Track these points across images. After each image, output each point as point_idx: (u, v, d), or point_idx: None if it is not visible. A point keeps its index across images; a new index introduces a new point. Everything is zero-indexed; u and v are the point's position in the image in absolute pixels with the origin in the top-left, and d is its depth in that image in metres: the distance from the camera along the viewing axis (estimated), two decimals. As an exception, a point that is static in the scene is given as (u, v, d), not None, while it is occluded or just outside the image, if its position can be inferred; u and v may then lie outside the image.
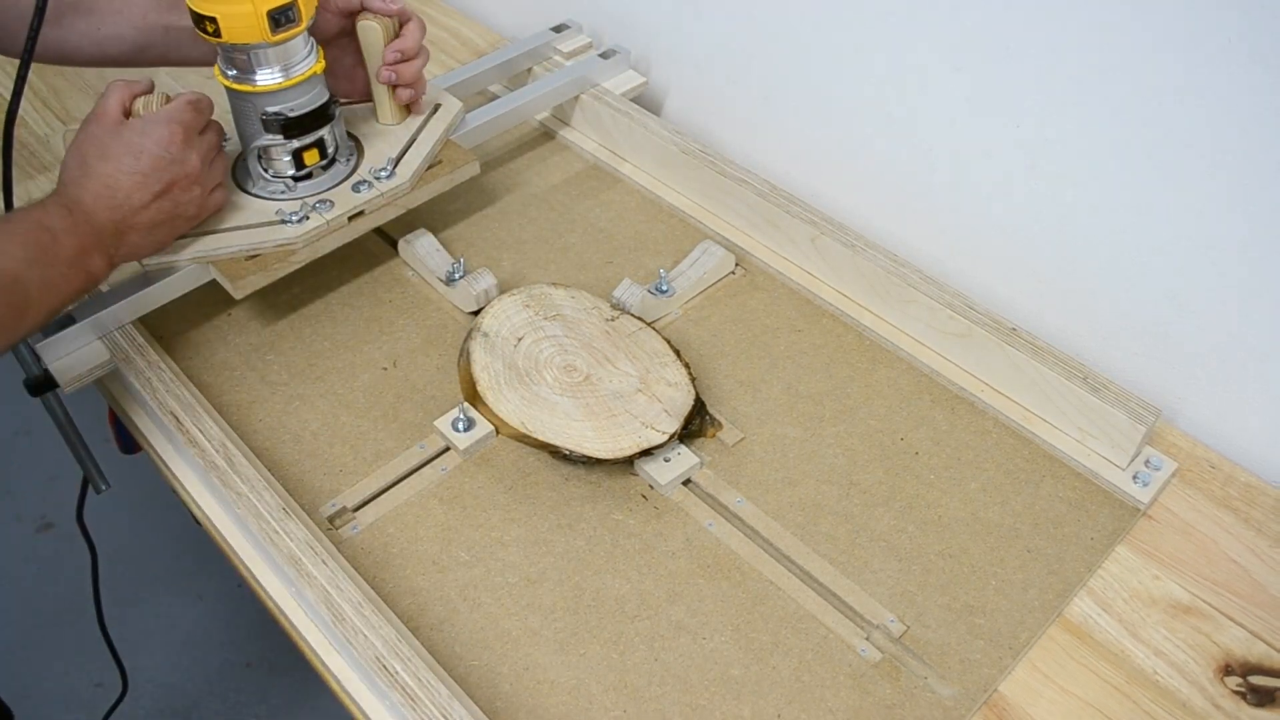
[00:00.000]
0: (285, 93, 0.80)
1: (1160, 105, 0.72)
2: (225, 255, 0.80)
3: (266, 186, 0.85)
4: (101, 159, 0.73)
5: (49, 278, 0.67)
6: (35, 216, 0.69)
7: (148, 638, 1.58)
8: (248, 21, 0.75)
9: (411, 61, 0.86)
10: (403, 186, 0.86)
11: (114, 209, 0.72)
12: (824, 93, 0.95)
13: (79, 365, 0.79)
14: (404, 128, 0.91)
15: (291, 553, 0.67)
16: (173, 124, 0.74)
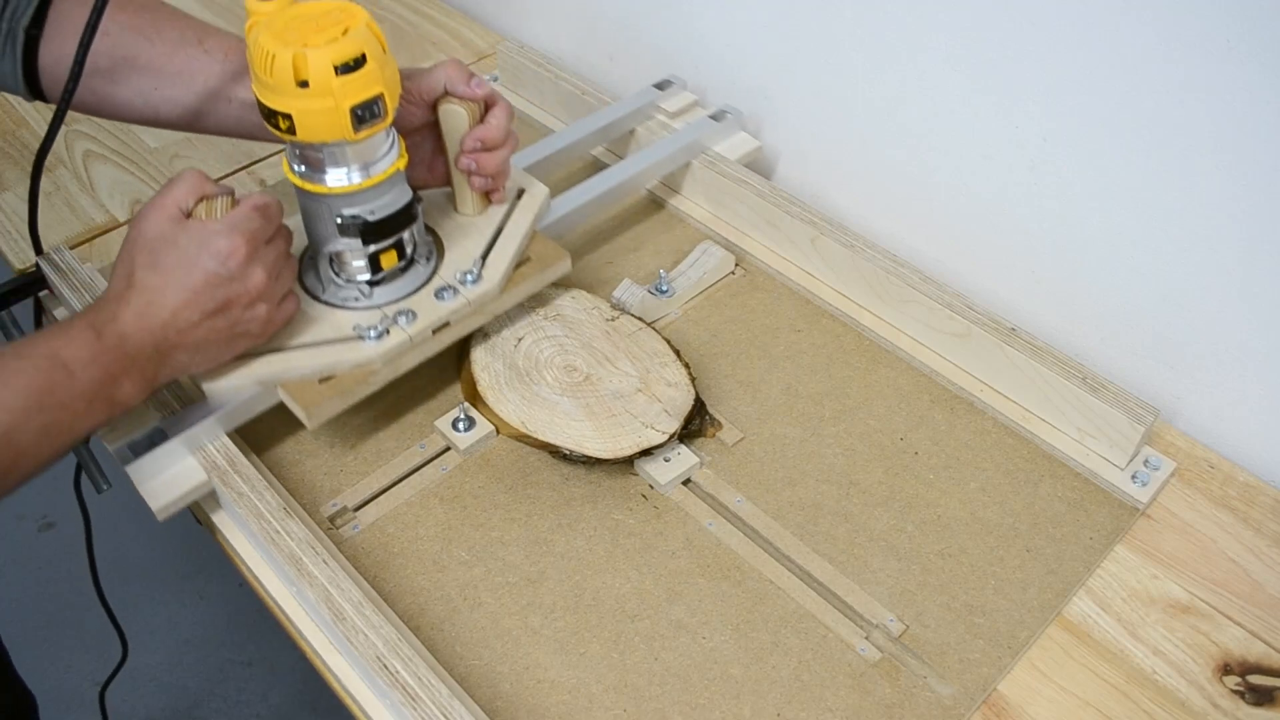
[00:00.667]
0: (364, 194, 0.70)
1: (1159, 105, 0.73)
2: (296, 377, 0.71)
3: (338, 293, 0.75)
4: (150, 268, 0.64)
5: (55, 422, 0.60)
6: (53, 347, 0.60)
7: (149, 636, 1.58)
8: (328, 119, 0.65)
9: (495, 151, 0.78)
10: (491, 292, 0.77)
11: (156, 330, 0.64)
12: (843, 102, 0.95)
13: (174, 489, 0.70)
14: (486, 219, 0.81)
15: (292, 552, 0.67)
16: (235, 235, 0.64)
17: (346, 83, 0.64)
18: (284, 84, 0.63)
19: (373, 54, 0.64)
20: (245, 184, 1.03)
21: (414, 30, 1.26)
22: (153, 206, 0.65)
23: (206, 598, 1.63)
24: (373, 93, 0.65)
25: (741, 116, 1.01)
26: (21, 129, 1.10)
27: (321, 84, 0.63)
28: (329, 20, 0.64)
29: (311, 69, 0.63)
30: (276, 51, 0.63)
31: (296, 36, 0.63)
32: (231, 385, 0.70)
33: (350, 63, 0.63)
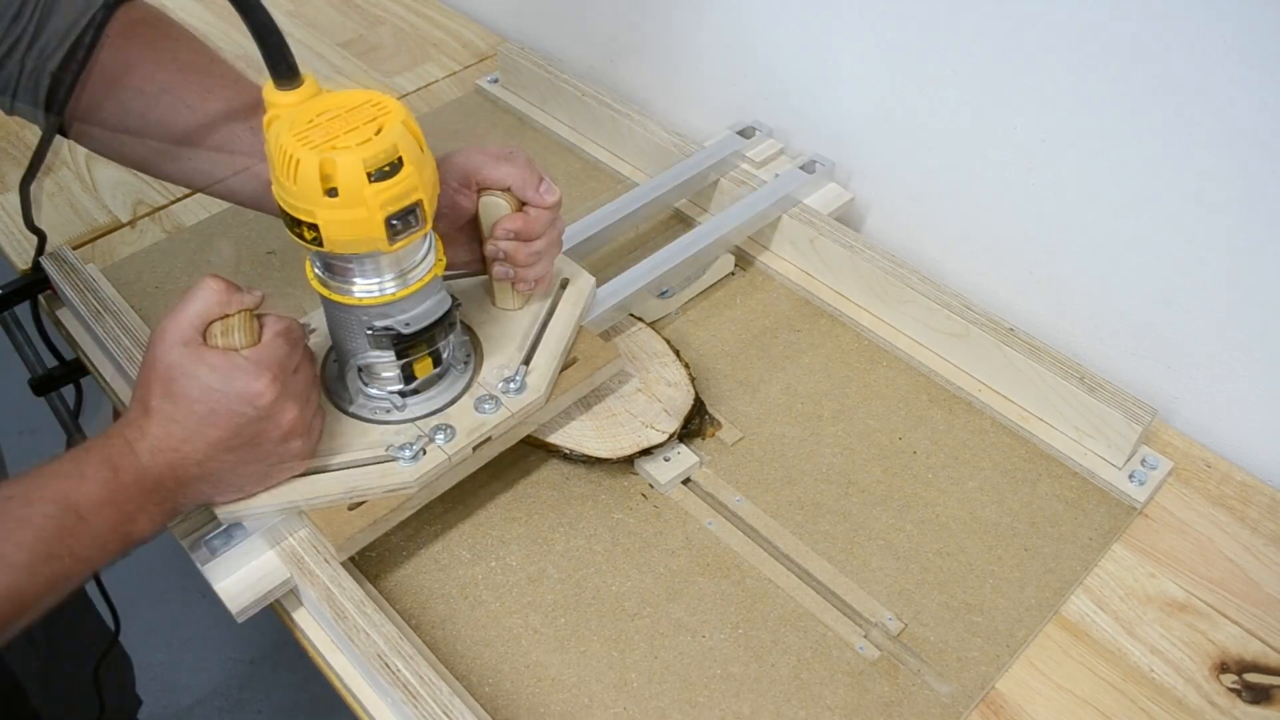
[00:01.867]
0: (399, 303, 0.63)
1: (1157, 106, 0.73)
2: (323, 504, 0.65)
3: (368, 404, 0.69)
4: (167, 398, 0.58)
5: (64, 570, 0.55)
6: (64, 489, 0.56)
7: (150, 635, 1.58)
8: (360, 229, 0.57)
9: (528, 244, 0.70)
10: (537, 401, 0.70)
11: (176, 462, 0.59)
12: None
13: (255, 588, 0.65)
14: (527, 314, 0.75)
15: (293, 550, 0.68)
16: (263, 374, 0.59)
17: (381, 190, 0.56)
18: (310, 191, 0.56)
19: (409, 156, 0.57)
20: (247, 185, 1.03)
21: (414, 31, 1.26)
22: (165, 328, 0.59)
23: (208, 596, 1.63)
24: (410, 200, 0.57)
25: (833, 168, 0.95)
26: (25, 129, 1.10)
27: (353, 192, 0.56)
28: (359, 116, 0.57)
29: (341, 175, 0.55)
30: (301, 156, 0.55)
31: (323, 136, 0.56)
32: (250, 512, 0.64)
33: (385, 168, 0.56)
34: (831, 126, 0.97)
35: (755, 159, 0.98)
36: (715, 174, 0.95)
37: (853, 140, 0.96)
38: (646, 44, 1.11)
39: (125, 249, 0.96)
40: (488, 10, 1.29)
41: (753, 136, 0.99)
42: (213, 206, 1.00)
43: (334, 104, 0.57)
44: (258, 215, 0.98)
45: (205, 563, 0.64)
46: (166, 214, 1.00)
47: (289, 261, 0.94)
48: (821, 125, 0.98)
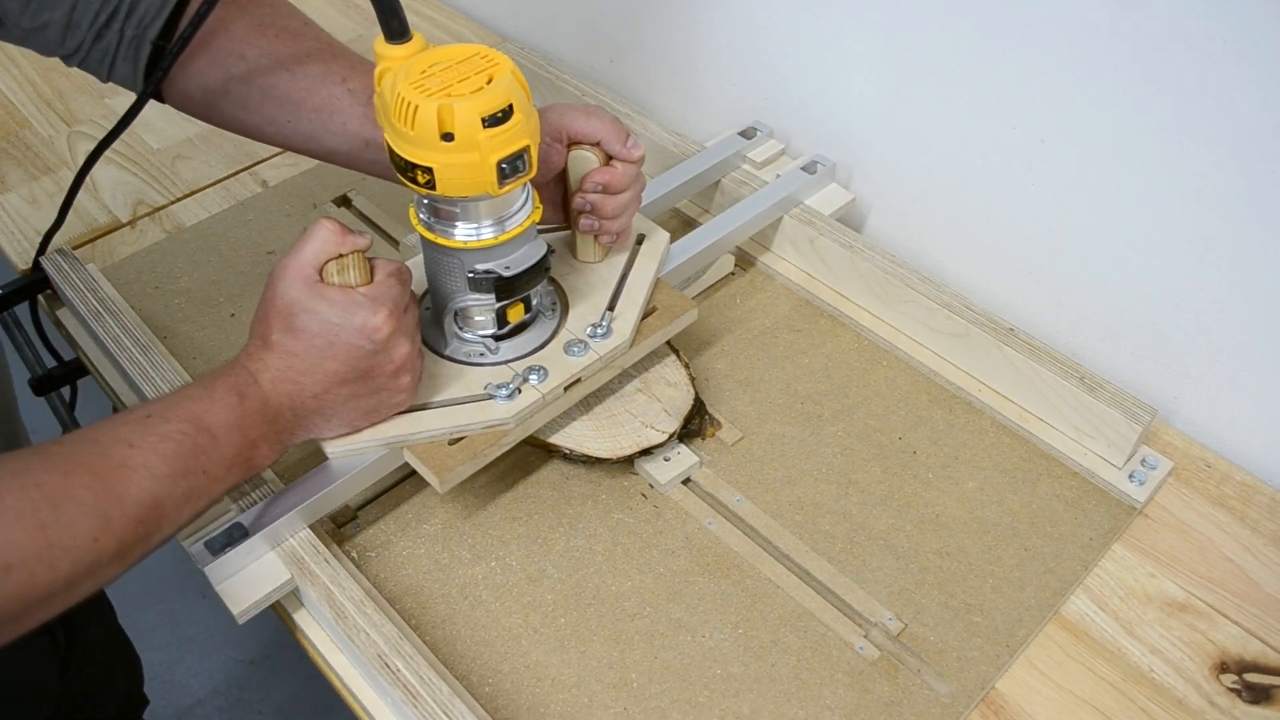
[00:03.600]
0: (500, 248, 0.67)
1: (1156, 105, 0.73)
2: (425, 439, 0.68)
3: (462, 348, 0.72)
4: (288, 332, 0.62)
5: (196, 488, 0.58)
6: (197, 410, 0.59)
7: (151, 635, 1.58)
8: (472, 173, 0.61)
9: (615, 196, 0.74)
10: (622, 346, 0.73)
11: (294, 394, 0.63)
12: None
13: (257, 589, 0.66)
14: (608, 267, 0.78)
15: (294, 550, 0.68)
16: (380, 309, 0.62)
17: (493, 135, 0.60)
18: (427, 137, 0.59)
19: (519, 105, 0.61)
20: (247, 185, 1.03)
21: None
22: (286, 266, 0.62)
23: (208, 596, 1.63)
24: (519, 146, 0.61)
25: (834, 168, 0.95)
26: (24, 129, 1.10)
27: (468, 137, 0.59)
28: (470, 67, 0.61)
29: (458, 122, 0.59)
30: (419, 103, 0.58)
31: (438, 86, 0.59)
32: (356, 448, 0.67)
33: (498, 114, 0.59)
34: (832, 127, 0.97)
35: (756, 159, 0.98)
36: (716, 174, 0.95)
37: (853, 141, 0.96)
38: (646, 44, 1.11)
39: (125, 249, 0.96)
40: (488, 10, 1.29)
41: (754, 137, 0.99)
42: (212, 206, 1.00)
43: (444, 57, 0.61)
44: (258, 215, 0.98)
45: (207, 564, 0.64)
46: (166, 214, 1.00)
47: (289, 261, 0.94)
48: (822, 126, 0.98)
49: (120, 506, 0.54)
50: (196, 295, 0.91)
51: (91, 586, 0.54)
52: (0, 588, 0.48)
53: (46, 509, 0.51)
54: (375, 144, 0.72)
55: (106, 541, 0.53)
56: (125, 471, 0.55)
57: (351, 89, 0.72)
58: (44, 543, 0.50)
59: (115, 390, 0.83)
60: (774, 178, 0.94)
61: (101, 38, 0.71)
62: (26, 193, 1.03)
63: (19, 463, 0.52)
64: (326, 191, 1.01)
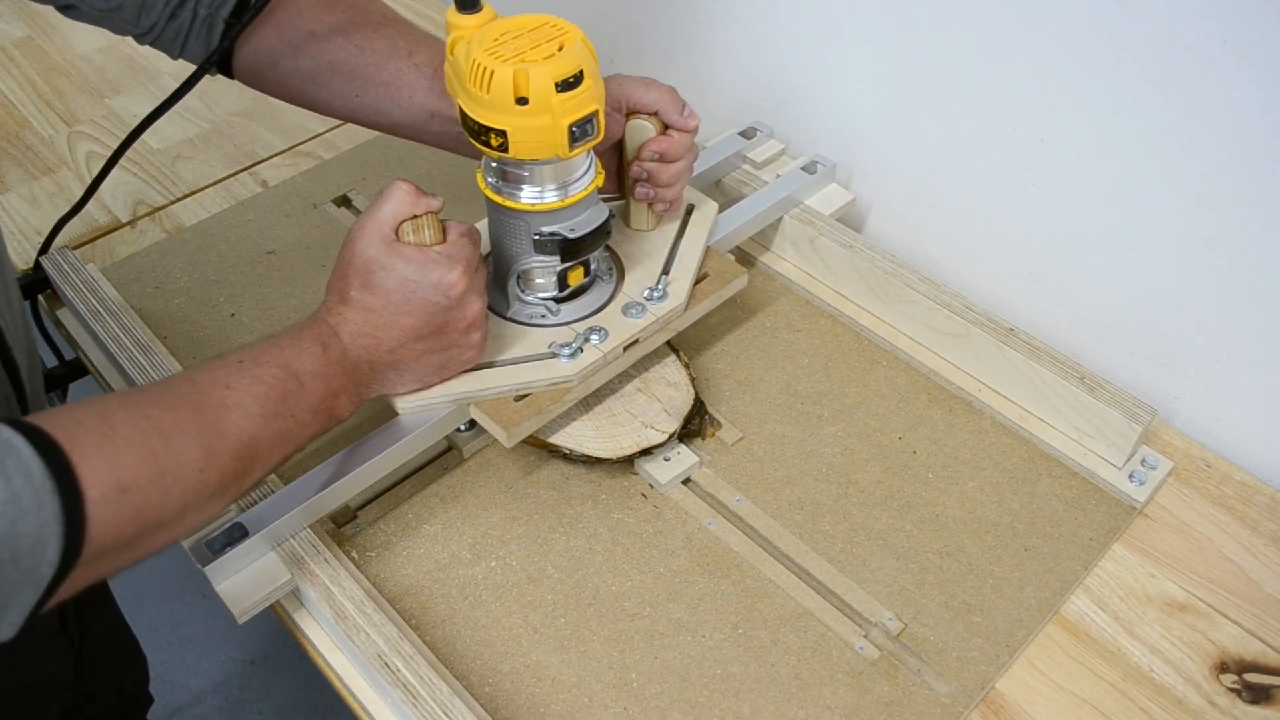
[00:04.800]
0: (566, 211, 0.69)
1: (1156, 106, 0.73)
2: (492, 395, 0.71)
3: (524, 310, 0.75)
4: (366, 289, 0.65)
5: (286, 430, 0.60)
6: (286, 357, 0.61)
7: (151, 634, 1.58)
8: (545, 136, 0.63)
9: (670, 165, 0.77)
10: (677, 309, 0.76)
11: (372, 348, 0.65)
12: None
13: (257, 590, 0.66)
14: (660, 235, 0.81)
15: (294, 550, 0.68)
16: (455, 266, 0.65)
17: (565, 100, 0.63)
18: (501, 101, 0.62)
19: (589, 71, 0.63)
20: (247, 185, 1.03)
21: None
22: (363, 226, 0.65)
23: (208, 596, 1.63)
24: (589, 110, 0.64)
25: (834, 168, 0.95)
26: (24, 129, 1.10)
27: (542, 101, 0.62)
28: (541, 35, 0.64)
29: (533, 86, 0.62)
30: (496, 68, 0.62)
31: (512, 52, 0.62)
32: (427, 404, 0.70)
33: (570, 79, 0.62)
34: (832, 127, 0.97)
35: (756, 159, 0.97)
36: (717, 174, 0.95)
37: (853, 141, 0.96)
38: (645, 43, 1.11)
39: (125, 249, 0.96)
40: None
41: (754, 137, 0.99)
42: (212, 206, 1.00)
43: (515, 26, 0.64)
44: (258, 215, 0.98)
45: (207, 564, 0.64)
46: (166, 214, 1.00)
47: (289, 261, 0.94)
48: (822, 126, 0.98)
49: (222, 441, 0.56)
50: (196, 295, 0.91)
51: (196, 520, 0.56)
52: (118, 508, 0.50)
53: (157, 438, 0.53)
54: (440, 116, 0.74)
55: (210, 473, 0.55)
56: (224, 410, 0.57)
57: (417, 63, 0.74)
58: (156, 469, 0.52)
59: (115, 390, 0.83)
60: (774, 178, 0.94)
61: (175, 17, 0.74)
62: (26, 193, 1.03)
63: (127, 397, 0.55)
64: (327, 191, 1.01)
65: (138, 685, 1.11)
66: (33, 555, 0.46)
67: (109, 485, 0.49)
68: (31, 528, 0.45)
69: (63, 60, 1.20)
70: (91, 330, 0.82)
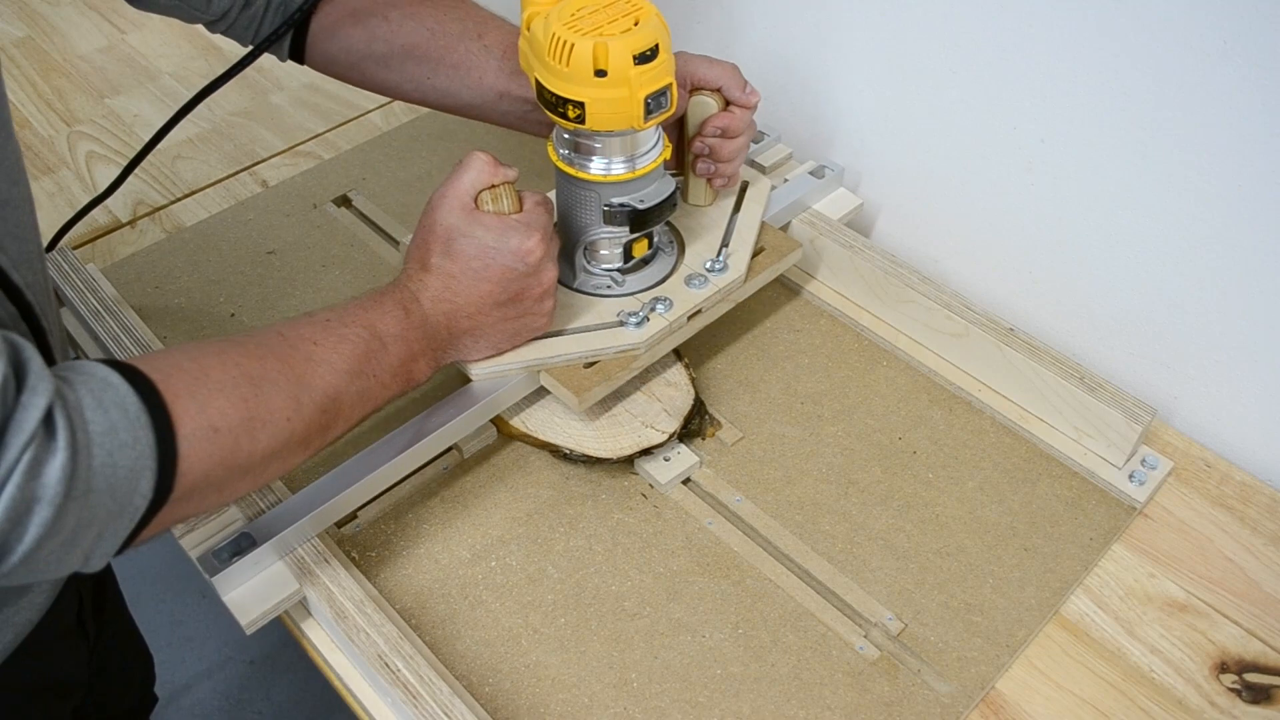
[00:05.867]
0: (635, 182, 0.72)
1: (1156, 106, 0.73)
2: (562, 363, 0.73)
3: (589, 280, 0.77)
4: (446, 255, 0.67)
5: (367, 389, 0.63)
6: (370, 318, 0.64)
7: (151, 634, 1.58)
8: (622, 108, 0.66)
9: (732, 140, 0.79)
10: (737, 280, 0.79)
11: (451, 314, 0.67)
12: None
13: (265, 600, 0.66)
14: (717, 210, 0.84)
15: (296, 553, 0.68)
16: (534, 233, 0.67)
17: (643, 72, 0.65)
18: (580, 73, 0.64)
19: (664, 45, 0.66)
20: (247, 185, 1.03)
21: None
22: (444, 195, 0.67)
23: (208, 596, 1.63)
24: (664, 83, 0.66)
25: (842, 173, 0.95)
26: (24, 130, 1.10)
27: (620, 73, 0.64)
28: (618, 10, 0.66)
29: (612, 59, 0.64)
30: (575, 41, 0.64)
31: (590, 26, 0.64)
32: (500, 369, 0.72)
33: (647, 52, 0.64)
34: (839, 132, 0.97)
35: (765, 164, 0.97)
36: None
37: (860, 145, 0.96)
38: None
39: (125, 249, 0.96)
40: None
41: (761, 141, 0.98)
42: (212, 206, 1.00)
43: (590, 2, 0.66)
44: (257, 215, 0.98)
45: (214, 574, 0.64)
46: (166, 214, 1.00)
47: (289, 261, 0.94)
48: (829, 130, 0.98)
49: (308, 394, 0.58)
50: (196, 295, 0.91)
51: (280, 468, 0.58)
52: (209, 448, 0.51)
53: (247, 385, 0.54)
54: (509, 96, 0.76)
55: (296, 423, 0.57)
56: (311, 364, 0.59)
57: (487, 44, 0.76)
58: (246, 414, 0.54)
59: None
60: (782, 182, 0.94)
61: (250, 4, 0.75)
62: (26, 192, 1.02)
63: (219, 345, 0.56)
64: (326, 191, 1.01)
65: (145, 686, 1.11)
66: (128, 487, 0.47)
67: (201, 425, 0.51)
68: (128, 460, 0.47)
69: (63, 60, 1.20)
70: (91, 330, 0.82)
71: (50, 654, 0.79)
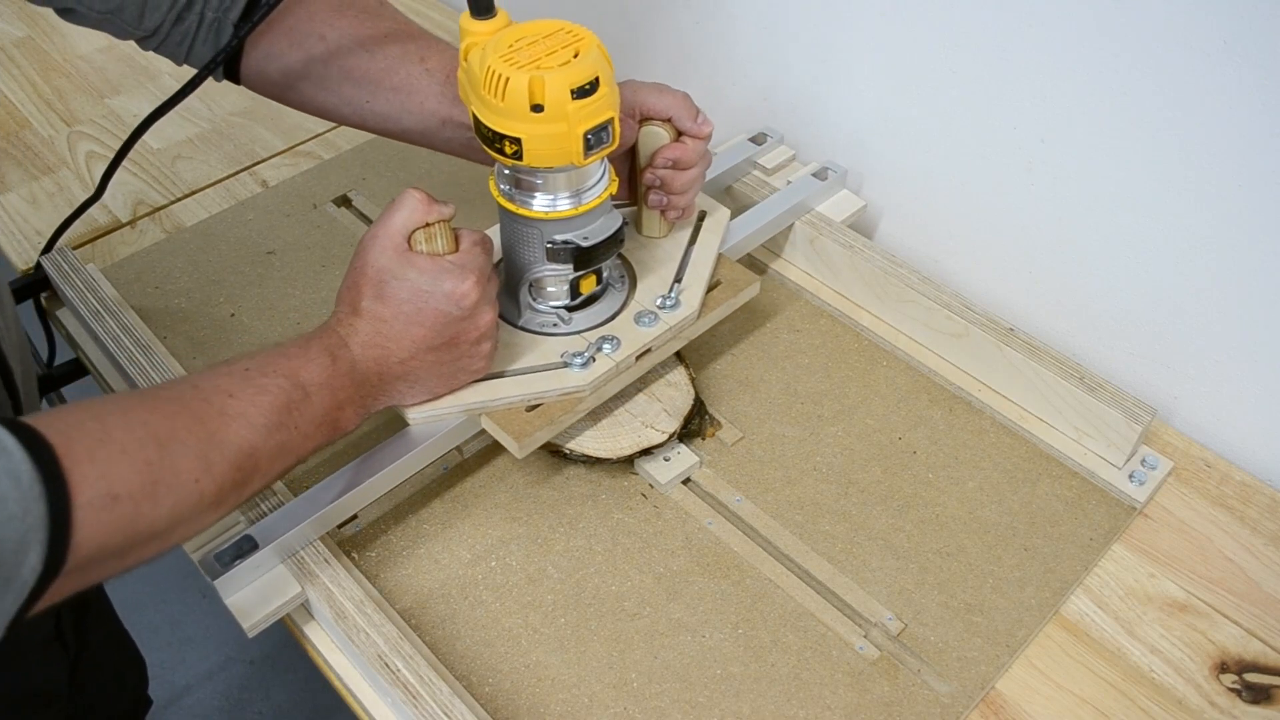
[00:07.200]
0: (579, 219, 0.69)
1: (1156, 106, 0.73)
2: (503, 405, 0.70)
3: (535, 318, 0.75)
4: (377, 299, 0.64)
5: (288, 442, 0.59)
6: (292, 367, 0.60)
7: (152, 635, 1.58)
8: (560, 144, 0.62)
9: (684, 172, 0.76)
10: (690, 317, 0.76)
11: (382, 359, 0.64)
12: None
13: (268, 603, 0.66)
14: (672, 242, 0.81)
15: (297, 555, 0.68)
16: (468, 276, 0.64)
17: (581, 107, 0.62)
18: (517, 108, 0.61)
19: (605, 78, 0.63)
20: (247, 185, 1.03)
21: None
22: (375, 235, 0.64)
23: (209, 596, 1.63)
24: (605, 118, 0.63)
25: (845, 175, 0.95)
26: (24, 130, 1.10)
27: (557, 108, 0.61)
28: (557, 41, 0.63)
29: (548, 93, 0.61)
30: (511, 75, 0.60)
31: (527, 59, 0.61)
32: (437, 414, 0.69)
33: (586, 86, 0.61)
34: (842, 133, 0.97)
35: (767, 165, 0.97)
36: (727, 180, 0.95)
37: (863, 146, 0.96)
38: (647, 45, 1.11)
39: (125, 249, 0.96)
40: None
41: (764, 143, 0.98)
42: (212, 206, 1.00)
43: (529, 32, 0.63)
44: (257, 216, 0.98)
45: (216, 577, 0.64)
46: (166, 214, 1.00)
47: (289, 261, 0.94)
48: (832, 132, 0.98)
49: (220, 452, 0.55)
50: (196, 295, 0.91)
51: (189, 531, 0.55)
52: (107, 517, 0.48)
53: (153, 446, 0.51)
54: (452, 122, 0.73)
55: (207, 484, 0.54)
56: (225, 419, 0.56)
57: (429, 68, 0.73)
58: (150, 478, 0.51)
59: (115, 390, 0.83)
60: (785, 184, 0.93)
61: (181, 20, 0.72)
62: (26, 193, 1.03)
63: (126, 401, 0.53)
64: (327, 191, 1.01)
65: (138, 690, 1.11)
66: (14, 561, 0.44)
67: (100, 493, 0.48)
68: (15, 532, 0.44)
69: (63, 60, 1.20)
70: (91, 330, 0.82)
71: (28, 664, 0.78)
